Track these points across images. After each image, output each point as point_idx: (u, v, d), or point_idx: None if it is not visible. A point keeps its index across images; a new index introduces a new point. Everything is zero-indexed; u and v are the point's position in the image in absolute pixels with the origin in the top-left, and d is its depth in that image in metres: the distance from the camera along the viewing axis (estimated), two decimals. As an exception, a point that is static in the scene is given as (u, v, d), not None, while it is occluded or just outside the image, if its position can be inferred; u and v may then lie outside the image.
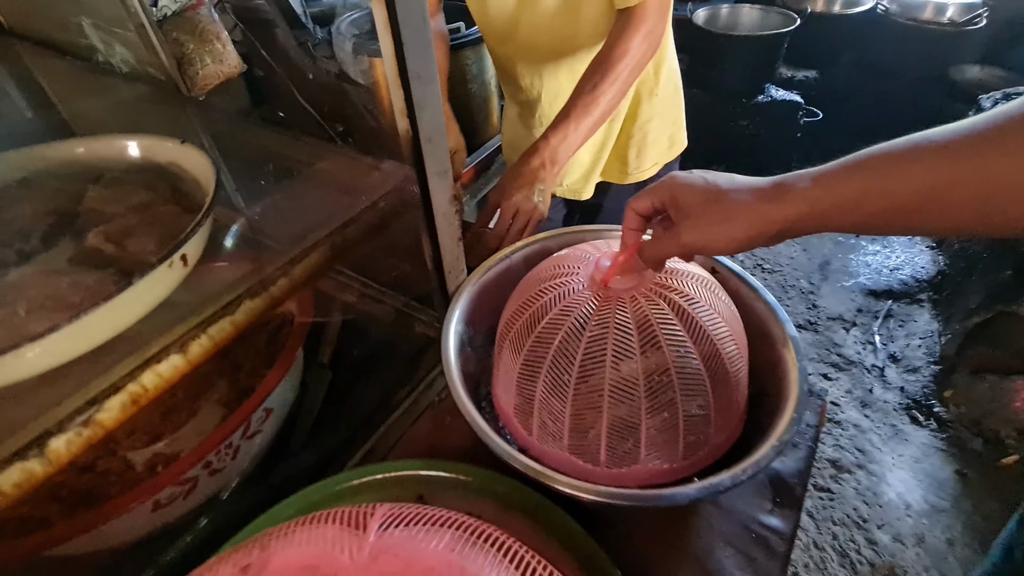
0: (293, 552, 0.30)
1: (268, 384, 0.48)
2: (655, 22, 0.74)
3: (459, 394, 0.53)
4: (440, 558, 0.30)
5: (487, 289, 0.67)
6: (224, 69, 1.38)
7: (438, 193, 0.54)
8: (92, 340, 0.32)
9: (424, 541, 0.31)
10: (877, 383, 1.71)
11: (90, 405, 0.32)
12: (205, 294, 0.40)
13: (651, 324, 0.49)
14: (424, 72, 0.46)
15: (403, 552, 0.30)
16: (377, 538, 0.31)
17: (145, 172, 0.45)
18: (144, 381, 0.34)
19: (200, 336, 0.37)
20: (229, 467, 0.48)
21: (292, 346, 0.51)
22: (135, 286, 0.32)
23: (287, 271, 0.41)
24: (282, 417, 0.55)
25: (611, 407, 0.49)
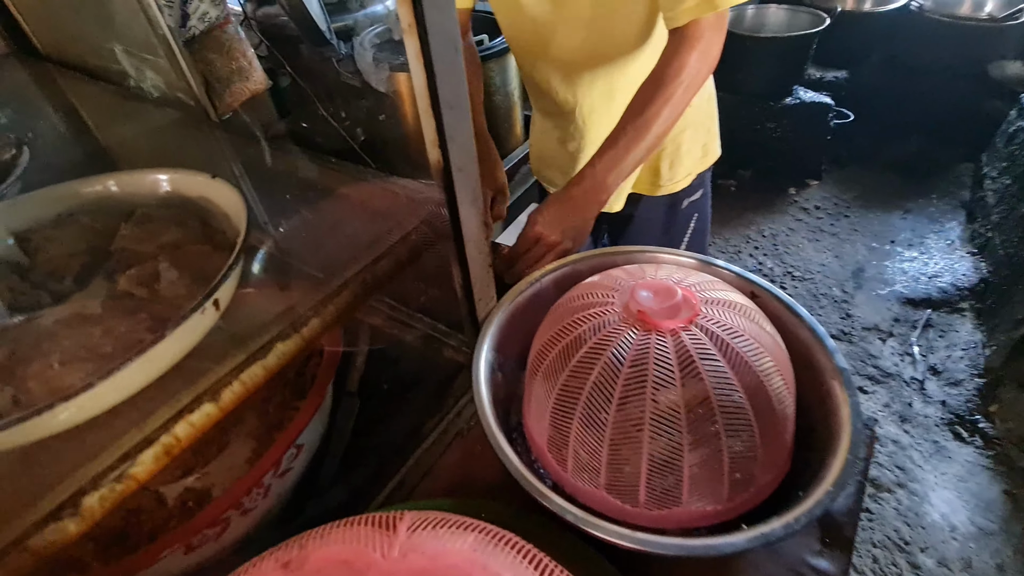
0: (329, 550, 0.33)
1: (300, 422, 0.47)
2: (711, 40, 0.70)
3: (492, 430, 0.51)
4: (464, 556, 0.33)
5: (517, 314, 0.65)
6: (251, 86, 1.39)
7: (469, 222, 0.52)
8: (125, 392, 0.32)
9: (449, 542, 0.34)
10: (917, 397, 1.64)
11: (123, 460, 0.32)
12: (237, 332, 0.39)
13: (692, 358, 0.47)
14: (456, 102, 0.45)
15: (430, 550, 0.33)
16: (406, 538, 0.33)
17: (176, 207, 0.45)
18: (177, 432, 0.34)
19: (232, 383, 0.36)
20: (260, 506, 0.48)
21: (323, 381, 0.51)
22: (168, 338, 0.31)
23: (319, 311, 0.40)
24: (312, 451, 0.54)
25: (651, 440, 0.46)
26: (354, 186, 0.67)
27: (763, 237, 2.27)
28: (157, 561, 0.42)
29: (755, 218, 2.37)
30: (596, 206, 0.72)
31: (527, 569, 0.33)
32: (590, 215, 0.72)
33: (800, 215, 2.37)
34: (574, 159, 0.99)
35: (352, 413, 0.65)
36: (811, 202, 2.42)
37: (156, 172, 0.45)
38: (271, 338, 0.38)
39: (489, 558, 0.33)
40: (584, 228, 0.72)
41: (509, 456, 0.49)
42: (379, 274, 0.45)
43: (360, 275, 0.44)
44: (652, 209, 1.03)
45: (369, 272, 0.44)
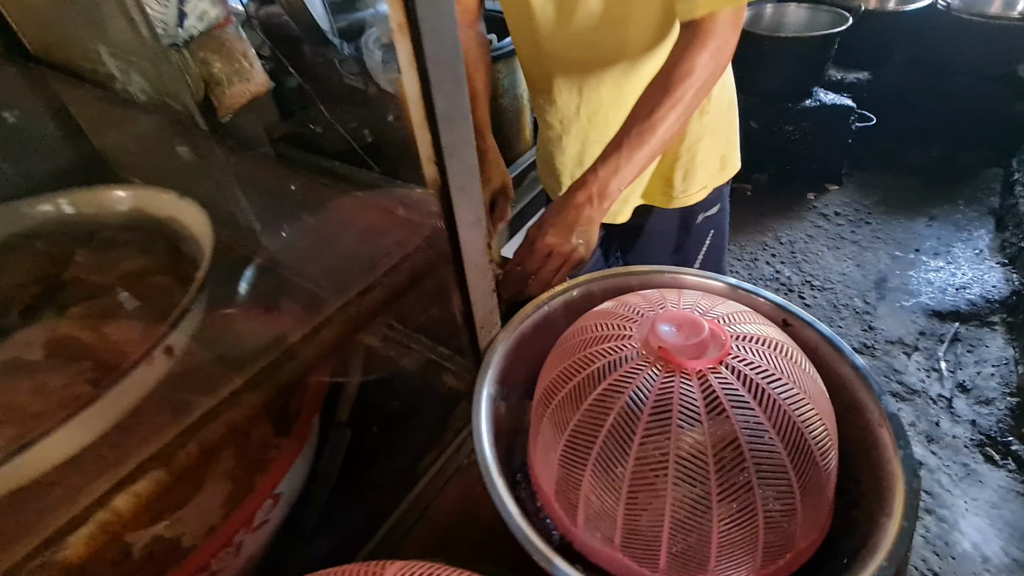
0: None
1: (276, 472, 0.42)
2: (726, 37, 0.64)
3: (492, 480, 0.46)
4: None
5: (524, 340, 0.60)
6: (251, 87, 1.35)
7: (470, 245, 0.47)
8: (50, 461, 0.27)
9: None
10: (944, 415, 1.56)
11: (46, 546, 0.26)
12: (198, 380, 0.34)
13: (722, 404, 0.41)
14: (456, 114, 0.39)
15: None
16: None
17: (141, 230, 0.40)
18: (117, 506, 0.28)
19: (187, 444, 0.31)
20: (231, 565, 0.42)
21: (305, 420, 0.45)
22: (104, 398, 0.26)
23: (294, 354, 0.35)
24: (292, 498, 0.49)
25: (674, 496, 0.41)
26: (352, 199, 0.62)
27: (780, 244, 2.19)
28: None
29: (772, 224, 2.29)
30: (600, 212, 0.67)
31: None
32: (596, 221, 0.67)
33: (819, 221, 2.29)
34: (578, 165, 0.93)
35: (342, 446, 0.60)
36: (831, 208, 2.34)
37: (118, 189, 0.41)
38: (237, 388, 0.33)
39: None
40: (592, 234, 0.67)
41: (508, 507, 0.44)
42: (369, 305, 0.39)
43: (346, 308, 0.38)
44: (664, 222, 0.96)
45: (356, 305, 0.39)
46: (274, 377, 0.34)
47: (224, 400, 0.32)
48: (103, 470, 0.29)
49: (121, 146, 0.72)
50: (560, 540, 0.50)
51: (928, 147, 2.54)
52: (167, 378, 0.35)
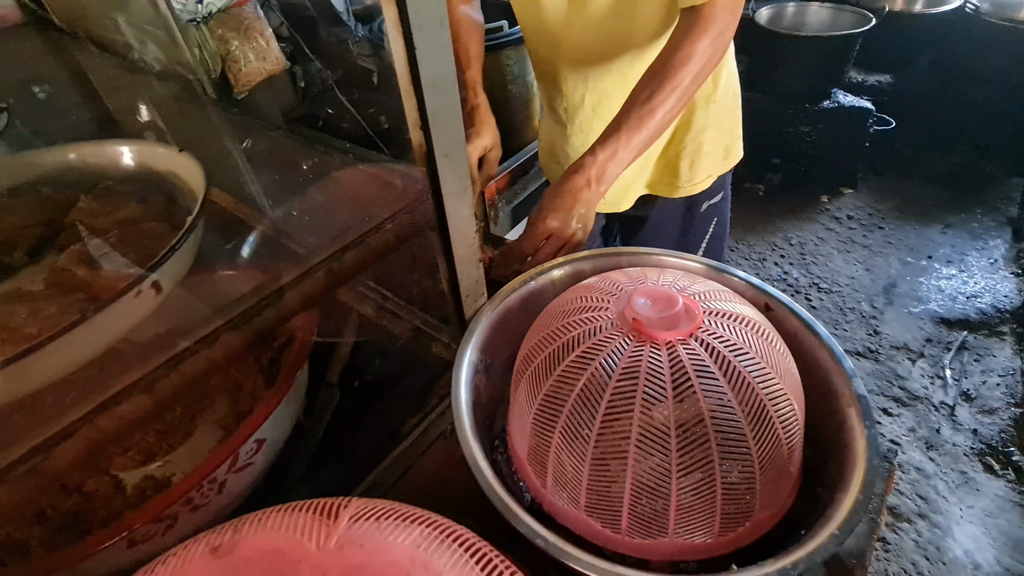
0: (263, 536, 0.31)
1: (257, 417, 0.44)
2: (725, 24, 0.65)
3: (466, 438, 0.47)
4: (405, 553, 0.30)
5: (510, 313, 0.62)
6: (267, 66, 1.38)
7: (456, 213, 0.49)
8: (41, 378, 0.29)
9: (392, 535, 0.31)
10: (946, 423, 1.54)
11: (35, 453, 0.29)
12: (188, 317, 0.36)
13: (687, 374, 0.42)
14: (442, 82, 0.41)
15: (369, 544, 0.31)
16: (346, 529, 0.31)
17: (142, 182, 0.42)
18: (101, 425, 0.30)
19: (170, 374, 0.33)
20: (214, 502, 0.45)
21: (289, 372, 0.47)
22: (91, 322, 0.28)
23: (274, 300, 0.37)
24: (278, 446, 0.51)
25: (636, 460, 0.42)
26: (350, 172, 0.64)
27: (790, 245, 2.17)
28: (96, 552, 0.39)
29: (783, 225, 2.27)
30: (598, 196, 0.67)
31: (472, 568, 0.31)
32: (593, 204, 0.68)
33: (831, 224, 2.26)
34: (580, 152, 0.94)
35: (330, 405, 0.62)
36: (844, 211, 2.31)
37: (120, 143, 0.43)
38: (218, 327, 0.35)
39: (432, 555, 0.31)
40: (589, 217, 0.68)
41: (481, 468, 0.45)
42: (347, 265, 0.41)
43: (326, 263, 0.40)
44: (668, 212, 0.97)
45: (336, 260, 0.41)
46: (254, 321, 0.36)
47: (206, 337, 0.34)
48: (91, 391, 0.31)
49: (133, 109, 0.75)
50: (531, 502, 0.51)
51: (948, 154, 2.49)
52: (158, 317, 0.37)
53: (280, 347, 0.58)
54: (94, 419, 0.30)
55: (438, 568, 0.30)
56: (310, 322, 0.54)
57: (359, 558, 0.29)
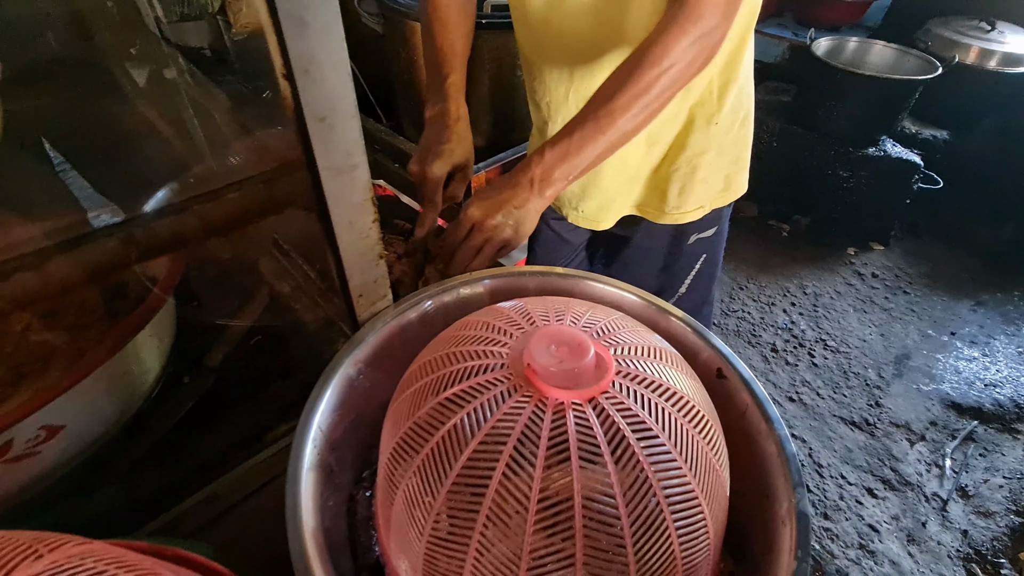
0: None
1: (40, 397, 0.36)
2: (713, 24, 0.54)
3: (296, 472, 0.38)
4: None
5: (423, 324, 0.52)
6: (269, 11, 1.29)
7: (339, 196, 0.39)
8: None
9: None
10: (935, 517, 1.41)
11: None
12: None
13: (567, 449, 0.32)
14: (315, 17, 0.31)
15: None
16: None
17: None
18: None
19: None
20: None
21: (103, 351, 0.39)
22: None
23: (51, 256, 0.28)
24: (90, 438, 0.43)
25: (479, 558, 0.32)
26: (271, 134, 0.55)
27: (804, 294, 2.03)
28: None
29: (800, 271, 2.13)
30: (541, 199, 0.59)
31: None
32: (532, 208, 0.59)
33: (853, 279, 2.11)
34: None
35: (196, 392, 0.53)
36: (869, 268, 2.16)
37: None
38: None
39: None
40: (525, 220, 0.59)
41: (299, 509, 0.36)
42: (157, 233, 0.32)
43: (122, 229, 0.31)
44: (653, 238, 0.86)
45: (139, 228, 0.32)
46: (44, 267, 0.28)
47: None
48: None
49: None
50: (376, 560, 0.42)
51: (996, 227, 2.31)
52: None
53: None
54: None
55: None
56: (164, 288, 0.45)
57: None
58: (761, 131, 2.22)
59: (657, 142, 0.78)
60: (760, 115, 0.94)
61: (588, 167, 0.58)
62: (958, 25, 2.18)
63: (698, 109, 0.75)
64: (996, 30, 2.12)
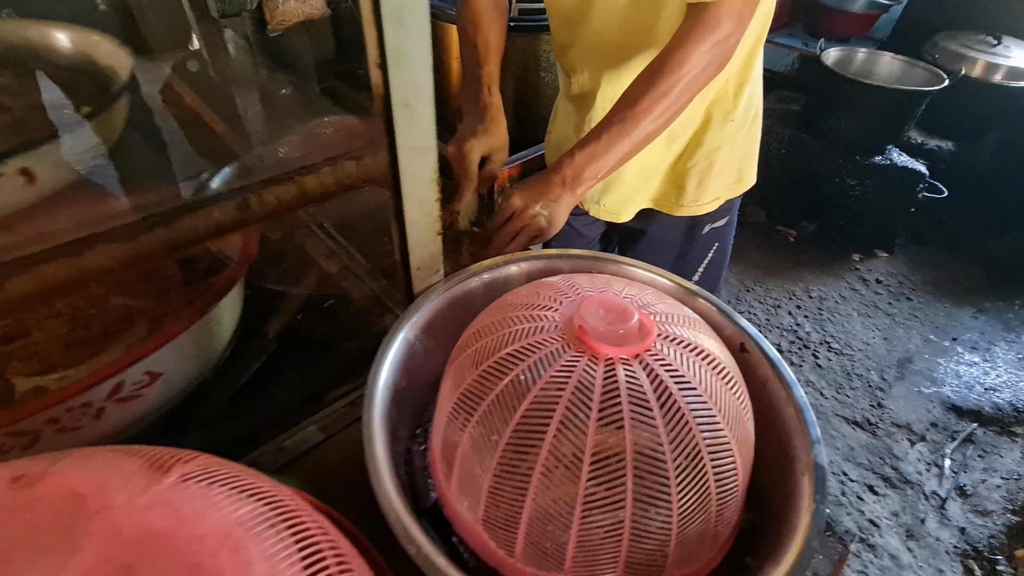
0: (76, 476, 0.27)
1: (152, 342, 0.40)
2: (731, 30, 0.60)
3: (371, 422, 0.43)
4: (221, 528, 0.26)
5: (468, 298, 0.57)
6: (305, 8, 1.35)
7: (412, 172, 0.44)
8: None
9: (217, 506, 0.27)
10: (933, 515, 1.45)
11: None
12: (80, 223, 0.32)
13: (619, 400, 0.37)
14: (411, 15, 0.36)
15: (184, 510, 0.26)
16: (169, 487, 0.27)
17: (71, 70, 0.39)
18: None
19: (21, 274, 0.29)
20: (88, 428, 0.41)
21: (198, 308, 0.44)
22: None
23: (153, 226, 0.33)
24: (181, 386, 0.48)
25: (540, 494, 0.37)
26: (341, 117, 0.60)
27: (809, 298, 2.08)
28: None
29: (806, 275, 2.18)
30: (572, 196, 0.64)
31: (293, 562, 0.26)
32: (565, 203, 0.64)
33: (857, 285, 2.16)
34: None
35: (259, 357, 0.58)
36: (873, 274, 2.20)
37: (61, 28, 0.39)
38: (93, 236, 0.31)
39: (251, 538, 0.26)
40: (558, 214, 0.65)
41: (376, 453, 0.41)
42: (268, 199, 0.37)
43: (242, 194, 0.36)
44: (669, 229, 0.91)
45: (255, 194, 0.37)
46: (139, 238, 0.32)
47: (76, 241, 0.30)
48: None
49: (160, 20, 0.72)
50: (435, 503, 0.47)
51: (998, 237, 2.35)
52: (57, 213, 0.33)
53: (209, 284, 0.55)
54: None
55: (250, 553, 0.25)
56: (243, 259, 0.50)
57: (163, 524, 0.25)
58: (770, 138, 2.27)
59: (676, 139, 0.83)
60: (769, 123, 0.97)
61: (615, 166, 0.64)
62: (965, 39, 2.23)
63: (715, 108, 0.80)
64: (1002, 44, 2.17)
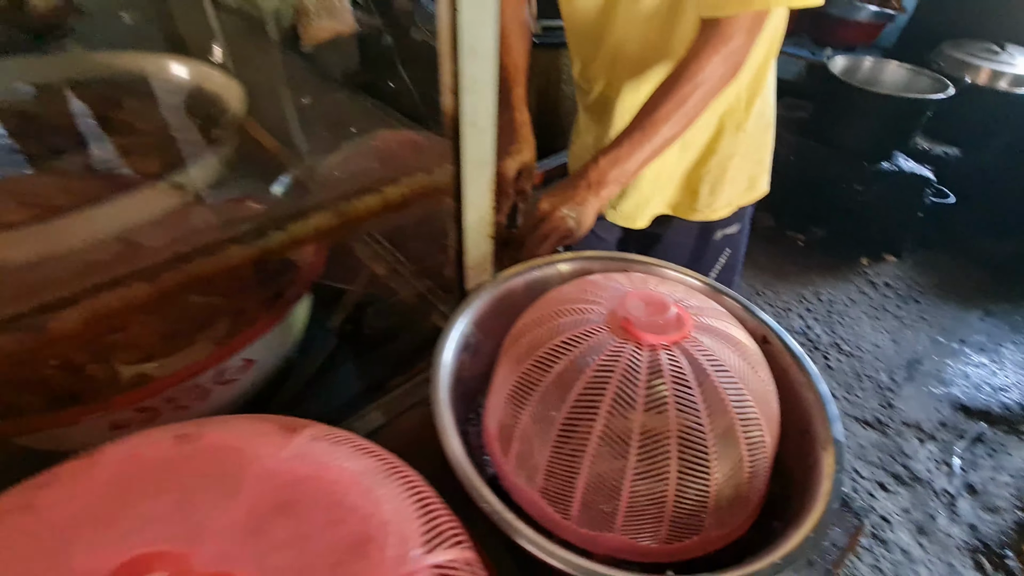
0: (226, 434, 0.33)
1: (248, 336, 0.46)
2: (741, 42, 0.65)
3: (437, 396, 0.49)
4: (351, 477, 0.31)
5: (510, 296, 0.63)
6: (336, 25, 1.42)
7: (474, 183, 0.50)
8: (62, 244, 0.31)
9: (343, 459, 0.33)
10: (943, 511, 1.48)
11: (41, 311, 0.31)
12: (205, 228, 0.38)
13: (664, 382, 0.42)
14: (482, 48, 0.42)
15: (319, 461, 0.32)
16: (302, 444, 0.33)
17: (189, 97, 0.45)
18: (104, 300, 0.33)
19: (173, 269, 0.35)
20: (196, 408, 0.47)
21: (285, 303, 0.50)
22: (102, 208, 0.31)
23: (283, 225, 0.39)
24: (267, 371, 0.54)
25: (595, 462, 0.43)
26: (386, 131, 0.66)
27: (819, 301, 2.12)
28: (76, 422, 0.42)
29: (815, 279, 2.22)
30: (597, 199, 0.70)
31: (412, 506, 0.32)
32: (591, 206, 0.70)
33: (866, 288, 2.20)
34: None
35: (325, 349, 0.64)
36: (882, 278, 2.24)
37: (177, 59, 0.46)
38: (226, 238, 0.37)
39: (376, 485, 0.32)
40: (585, 215, 0.70)
41: (446, 427, 0.47)
42: (358, 208, 0.43)
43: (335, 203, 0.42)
44: (682, 234, 0.97)
45: (348, 203, 0.43)
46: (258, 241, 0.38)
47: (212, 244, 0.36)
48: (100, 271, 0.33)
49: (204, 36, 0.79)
50: (492, 477, 0.52)
51: (1005, 240, 2.39)
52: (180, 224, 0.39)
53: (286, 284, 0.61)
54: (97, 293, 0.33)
55: (377, 494, 0.31)
56: (316, 262, 0.56)
57: (306, 470, 0.31)
58: (778, 145, 2.30)
59: (690, 147, 0.89)
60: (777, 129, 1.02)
61: (637, 170, 0.69)
62: (970, 47, 2.28)
63: (727, 118, 0.86)
64: (1006, 52, 2.22)
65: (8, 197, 0.32)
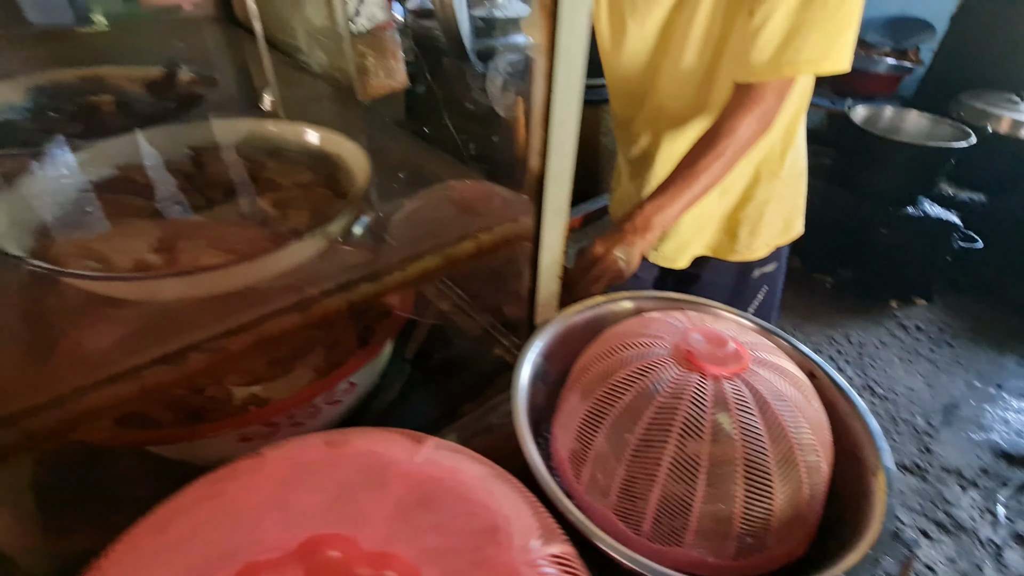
0: (367, 442, 0.39)
1: (356, 361, 0.53)
2: (771, 105, 0.73)
3: (520, 425, 0.54)
4: (474, 479, 0.37)
5: (573, 331, 0.68)
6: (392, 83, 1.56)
7: (550, 230, 0.57)
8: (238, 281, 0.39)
9: (465, 465, 0.39)
10: (990, 562, 1.44)
11: (227, 335, 0.38)
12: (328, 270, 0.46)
13: (728, 408, 0.47)
14: (567, 119, 0.50)
15: (446, 465, 0.38)
16: (429, 451, 0.39)
17: (314, 157, 0.53)
18: (267, 326, 0.40)
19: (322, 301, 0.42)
20: (308, 424, 0.53)
21: (382, 335, 0.56)
22: (286, 248, 0.38)
23: (402, 266, 0.46)
24: (362, 395, 0.60)
25: (666, 482, 0.47)
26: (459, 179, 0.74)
27: (849, 343, 2.13)
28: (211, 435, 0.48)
29: (845, 322, 2.23)
30: (643, 242, 0.76)
31: (525, 505, 0.37)
32: (637, 248, 0.77)
33: (897, 331, 2.20)
34: None
35: (403, 376, 0.70)
36: (912, 321, 2.24)
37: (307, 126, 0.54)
38: (359, 277, 0.44)
39: (494, 486, 0.38)
40: (634, 256, 0.77)
41: (529, 447, 0.52)
42: (460, 251, 0.50)
43: (443, 246, 0.49)
44: (722, 274, 1.02)
45: (452, 246, 0.50)
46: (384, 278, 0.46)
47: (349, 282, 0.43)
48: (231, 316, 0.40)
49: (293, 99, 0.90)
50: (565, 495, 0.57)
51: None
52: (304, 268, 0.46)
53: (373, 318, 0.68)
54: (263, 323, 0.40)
55: (498, 495, 0.36)
56: (407, 300, 0.63)
57: (438, 472, 0.37)
58: (802, 189, 2.38)
59: (728, 192, 0.96)
60: None
61: (678, 214, 0.76)
62: (988, 97, 2.35)
63: (763, 167, 0.93)
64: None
65: (197, 240, 0.40)
